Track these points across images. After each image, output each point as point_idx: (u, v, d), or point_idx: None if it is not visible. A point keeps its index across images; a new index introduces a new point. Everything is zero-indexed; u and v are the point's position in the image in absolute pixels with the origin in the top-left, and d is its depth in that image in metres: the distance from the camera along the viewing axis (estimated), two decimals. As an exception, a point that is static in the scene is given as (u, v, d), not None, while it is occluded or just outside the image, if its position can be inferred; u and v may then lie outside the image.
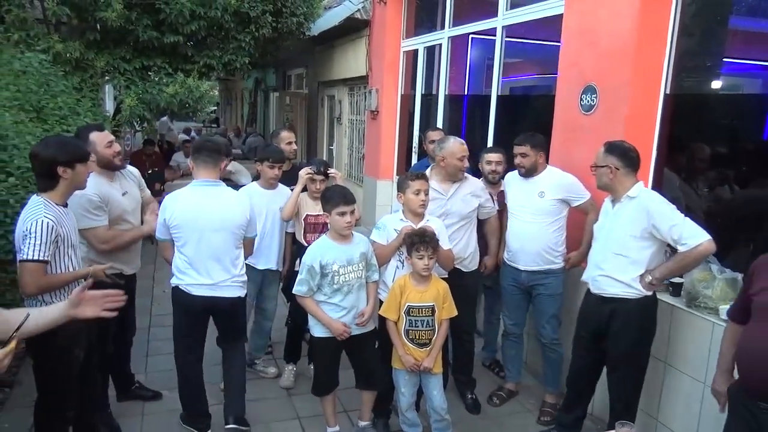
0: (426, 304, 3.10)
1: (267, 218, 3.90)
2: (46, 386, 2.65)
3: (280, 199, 3.95)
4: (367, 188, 7.54)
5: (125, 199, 3.28)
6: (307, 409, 3.76)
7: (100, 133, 3.17)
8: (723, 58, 3.81)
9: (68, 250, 2.61)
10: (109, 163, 3.15)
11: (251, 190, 3.90)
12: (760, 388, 2.10)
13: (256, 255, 3.86)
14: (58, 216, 2.55)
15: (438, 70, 6.19)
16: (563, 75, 4.00)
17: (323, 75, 9.82)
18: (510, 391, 3.95)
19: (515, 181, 3.71)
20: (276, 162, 3.87)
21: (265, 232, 3.90)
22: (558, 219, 3.57)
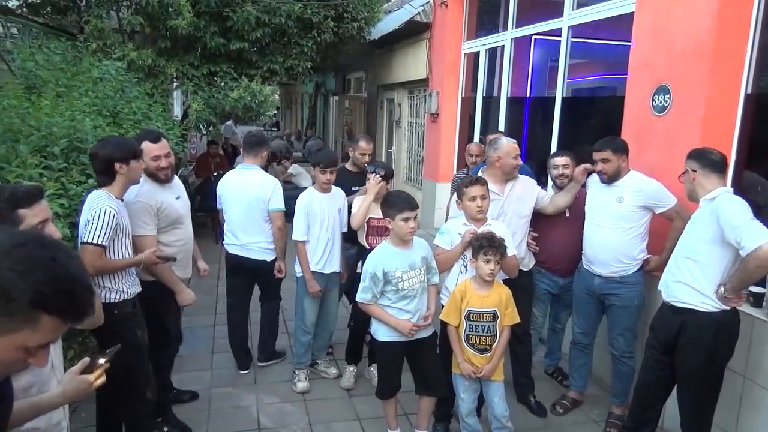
0: (487, 309, 3.06)
1: (327, 222, 3.94)
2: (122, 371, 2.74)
3: (338, 202, 4.01)
4: (426, 191, 7.53)
5: (179, 203, 3.37)
6: (368, 410, 3.78)
7: (151, 145, 3.18)
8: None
9: (125, 239, 2.80)
10: (152, 175, 3.23)
11: (311, 195, 3.97)
12: None
13: (324, 260, 3.94)
14: (119, 207, 2.74)
15: (500, 72, 6.10)
16: (634, 75, 3.87)
17: (383, 78, 9.88)
18: (574, 400, 3.85)
19: (596, 185, 3.59)
20: (327, 167, 3.90)
21: (329, 236, 3.95)
22: (636, 226, 3.39)
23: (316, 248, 3.94)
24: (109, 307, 2.68)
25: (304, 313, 4.05)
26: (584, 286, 3.63)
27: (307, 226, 3.90)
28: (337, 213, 3.99)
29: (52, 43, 6.17)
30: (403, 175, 9.03)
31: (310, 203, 3.92)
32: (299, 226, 3.91)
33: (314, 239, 3.93)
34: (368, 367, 4.25)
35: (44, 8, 7.43)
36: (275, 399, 3.93)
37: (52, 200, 2.81)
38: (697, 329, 2.76)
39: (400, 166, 9.12)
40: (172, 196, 3.33)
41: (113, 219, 2.65)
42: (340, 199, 4.05)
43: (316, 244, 3.94)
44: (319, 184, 3.95)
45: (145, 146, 3.18)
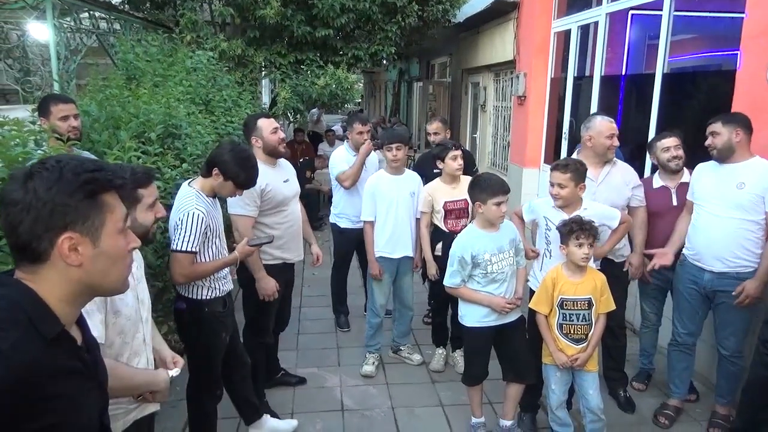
0: (582, 297, 2.90)
1: (397, 205, 3.86)
2: (198, 368, 2.82)
3: (410, 185, 3.93)
4: (512, 177, 7.30)
5: (286, 186, 3.39)
6: (451, 397, 3.73)
7: (267, 120, 3.34)
8: None
9: (215, 239, 2.70)
10: (274, 149, 3.29)
11: (379, 176, 3.93)
12: None
13: (391, 244, 3.88)
14: (208, 207, 2.63)
15: (593, 49, 5.77)
16: (747, 47, 3.52)
17: (467, 62, 9.66)
18: (677, 408, 3.51)
19: (708, 169, 3.23)
20: (392, 142, 3.81)
21: (397, 219, 3.88)
22: (759, 218, 3.03)
23: (382, 231, 3.89)
24: (198, 304, 2.69)
25: (372, 296, 4.05)
26: (691, 281, 3.28)
27: (374, 207, 3.86)
28: (409, 197, 3.90)
29: (150, 36, 6.51)
30: (488, 161, 8.82)
31: (377, 184, 3.87)
32: (366, 207, 3.90)
33: (380, 222, 3.88)
34: (452, 353, 4.18)
35: (143, 4, 7.83)
36: (359, 381, 3.96)
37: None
38: None
39: (485, 151, 8.91)
40: (279, 178, 3.37)
41: (202, 222, 2.56)
42: (414, 183, 3.97)
43: (382, 227, 3.88)
44: (387, 163, 3.89)
45: (263, 122, 3.30)
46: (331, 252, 5.07)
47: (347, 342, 4.57)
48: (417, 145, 12.41)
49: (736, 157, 3.06)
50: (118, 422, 1.83)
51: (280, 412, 3.49)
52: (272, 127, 3.29)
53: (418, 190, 3.98)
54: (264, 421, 3.28)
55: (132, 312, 1.78)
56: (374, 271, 3.93)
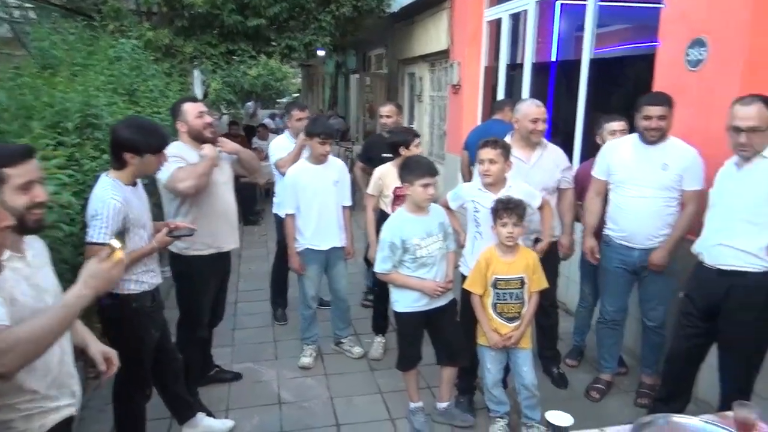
0: (515, 276, 2.93)
1: (321, 195, 3.79)
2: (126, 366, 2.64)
3: (334, 173, 3.85)
4: (449, 166, 7.36)
5: (216, 171, 3.24)
6: (389, 384, 3.70)
7: (192, 104, 3.20)
8: None
9: (138, 229, 2.56)
10: (199, 133, 3.15)
11: (299, 167, 3.83)
12: None
13: (318, 235, 3.82)
14: (126, 196, 2.49)
15: (524, 38, 5.87)
16: (666, 30, 3.65)
17: (403, 53, 9.68)
18: (608, 382, 3.62)
19: (627, 149, 3.25)
20: (327, 138, 3.73)
21: (322, 210, 3.80)
22: (677, 195, 3.14)
23: (308, 223, 3.80)
24: (126, 299, 2.56)
25: (302, 288, 3.96)
26: (619, 260, 3.34)
27: (295, 199, 3.78)
28: (333, 186, 3.82)
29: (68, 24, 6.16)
30: (426, 151, 8.86)
31: (298, 175, 3.78)
32: (287, 200, 3.81)
33: (305, 214, 3.79)
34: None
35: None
36: (297, 374, 3.88)
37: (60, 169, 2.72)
38: (749, 291, 2.59)
39: (423, 140, 8.95)
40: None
41: (119, 212, 2.41)
42: (337, 171, 3.88)
43: (307, 218, 3.79)
44: (315, 156, 3.79)
45: (188, 107, 3.18)
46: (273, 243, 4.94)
47: (285, 335, 4.48)
48: (355, 138, 12.35)
49: (663, 138, 3.13)
50: (34, 423, 1.70)
51: (214, 409, 3.36)
52: (197, 111, 3.16)
53: (342, 177, 3.91)
54: (198, 419, 3.15)
55: (30, 300, 1.64)
56: (294, 265, 3.85)
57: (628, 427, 1.93)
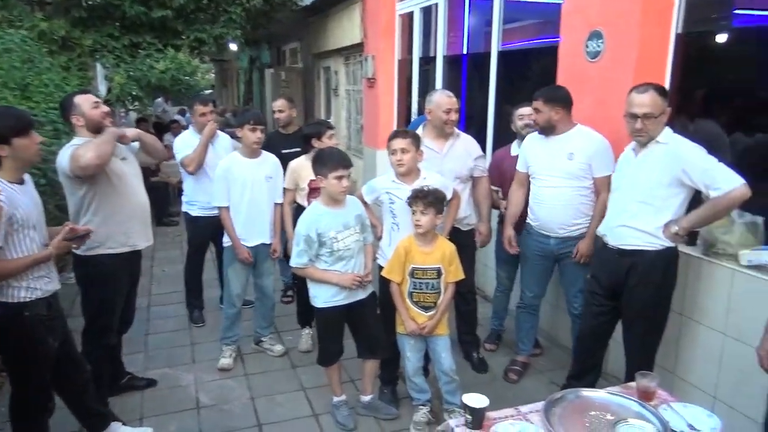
0: (431, 266, 2.96)
1: (252, 189, 3.68)
2: (22, 381, 2.50)
3: (267, 168, 3.76)
4: (367, 159, 7.38)
5: (124, 164, 3.09)
6: (312, 380, 3.65)
7: (84, 95, 3.01)
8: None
9: (28, 231, 2.38)
10: (98, 124, 2.94)
11: (231, 159, 3.72)
12: None
13: (246, 230, 3.72)
14: (11, 195, 2.31)
15: (435, 31, 5.96)
16: (566, 22, 3.80)
17: (318, 47, 9.59)
18: (524, 363, 3.75)
19: (537, 142, 3.38)
20: (257, 123, 3.64)
21: (252, 205, 3.71)
22: (589, 183, 3.23)
23: (237, 217, 3.70)
24: (17, 307, 2.36)
25: (228, 285, 3.85)
26: (538, 248, 3.46)
27: (227, 191, 3.67)
28: (265, 180, 3.74)
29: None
30: (343, 145, 8.84)
31: (230, 167, 3.68)
32: (218, 192, 3.69)
33: (234, 207, 3.69)
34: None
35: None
36: (216, 376, 3.75)
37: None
38: (647, 268, 2.75)
39: (340, 135, 8.90)
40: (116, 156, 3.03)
41: (2, 214, 2.23)
42: (270, 167, 3.80)
43: (236, 212, 3.69)
44: (247, 146, 3.69)
45: (80, 99, 2.97)
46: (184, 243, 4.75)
47: (202, 337, 4.32)
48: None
49: (560, 129, 3.25)
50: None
51: (127, 419, 3.18)
52: (92, 101, 2.96)
53: (276, 173, 3.82)
54: (113, 429, 2.98)
55: None
56: (242, 254, 3.71)
57: (541, 404, 1.99)
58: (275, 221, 3.84)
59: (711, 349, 2.93)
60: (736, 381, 2.79)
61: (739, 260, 2.73)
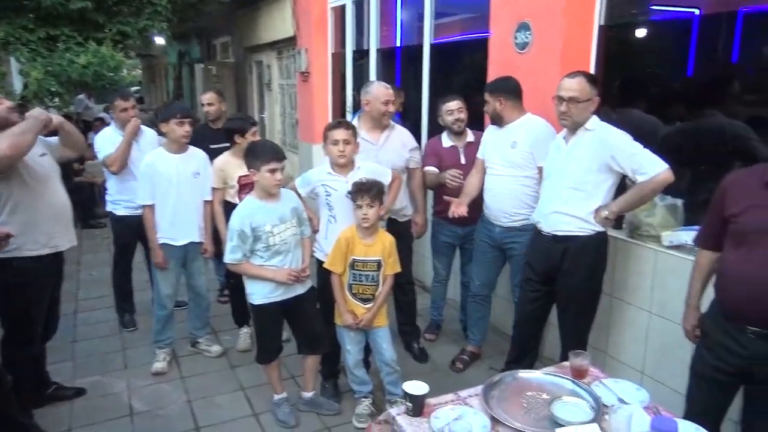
0: (372, 258, 2.96)
1: (178, 186, 3.54)
2: None
3: (194, 164, 3.62)
4: (303, 154, 7.29)
5: (45, 160, 2.93)
6: (252, 379, 3.57)
7: None
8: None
9: None
10: (5, 120, 2.73)
11: (157, 156, 3.56)
12: (750, 314, 2.01)
13: (174, 229, 3.58)
14: None
15: (368, 23, 5.95)
16: (495, 14, 3.87)
17: (249, 40, 9.39)
18: (473, 353, 3.79)
19: (491, 132, 3.42)
20: (185, 116, 3.49)
21: (179, 202, 3.56)
22: (532, 173, 3.23)
23: (163, 216, 3.55)
24: None
25: (158, 286, 3.70)
26: (486, 236, 3.49)
27: (151, 189, 3.52)
28: (193, 177, 3.59)
29: None
30: (278, 141, 8.71)
31: (155, 164, 3.52)
32: (142, 190, 3.54)
33: (161, 205, 3.54)
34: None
35: None
36: (149, 381, 3.61)
37: None
38: (579, 253, 2.83)
39: (274, 130, 8.79)
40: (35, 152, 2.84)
41: None
42: (198, 162, 3.66)
43: (163, 211, 3.54)
44: (175, 140, 3.52)
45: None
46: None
47: (135, 342, 4.15)
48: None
49: (507, 119, 3.28)
50: None
51: (55, 431, 3.02)
52: None
53: (204, 170, 3.69)
54: None
55: None
56: (158, 259, 3.58)
57: (480, 388, 2.02)
58: (205, 219, 3.72)
59: (638, 327, 3.07)
60: (661, 356, 2.93)
61: (662, 241, 2.87)
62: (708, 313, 2.22)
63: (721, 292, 2.14)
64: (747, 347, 2.02)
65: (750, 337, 2.01)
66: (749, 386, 2.13)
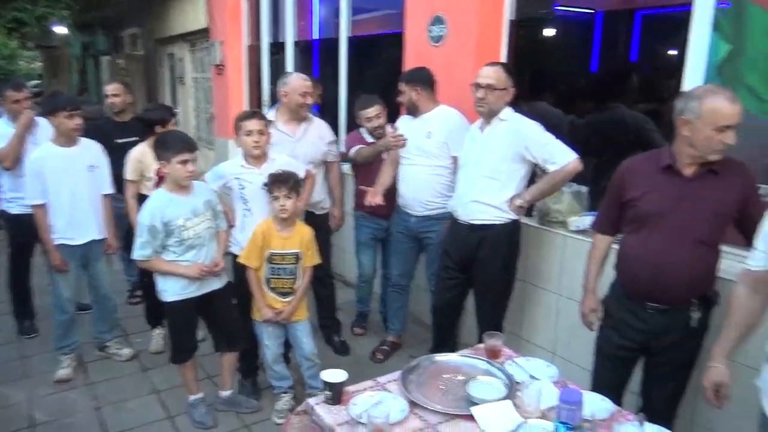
0: (290, 251, 2.90)
1: (73, 182, 3.32)
2: None
3: (88, 157, 3.40)
4: (220, 150, 7.08)
5: None
6: (166, 381, 3.43)
7: None
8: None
9: None
10: None
11: (45, 151, 3.30)
12: (648, 292, 2.15)
13: (72, 228, 3.36)
14: None
15: (284, 16, 5.85)
16: (410, 7, 3.91)
17: (160, 32, 9.00)
18: (393, 343, 3.80)
19: (406, 122, 3.43)
20: (74, 109, 3.26)
21: (75, 199, 3.34)
22: (447, 162, 3.26)
23: (59, 215, 3.32)
24: None
25: (57, 289, 3.44)
26: (402, 226, 3.50)
27: (41, 187, 3.26)
28: (87, 170, 3.38)
29: None
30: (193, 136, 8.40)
31: (43, 159, 3.27)
32: (31, 188, 3.27)
33: (55, 204, 3.30)
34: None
35: None
36: (53, 389, 3.38)
37: None
38: (495, 242, 2.91)
39: (189, 125, 8.46)
40: None
41: None
42: (92, 155, 3.44)
43: (58, 209, 3.31)
44: (65, 134, 3.27)
45: None
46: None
47: (35, 349, 3.86)
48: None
49: (423, 109, 3.31)
50: None
51: (-58, 450, 2.78)
52: None
53: (100, 161, 3.47)
54: None
55: None
56: (55, 261, 3.34)
57: (398, 373, 2.03)
58: (106, 214, 3.52)
59: (549, 309, 3.20)
60: (570, 336, 3.08)
61: (568, 226, 3.01)
62: (610, 294, 2.36)
63: (622, 274, 2.28)
64: (647, 322, 2.19)
65: (650, 313, 2.18)
66: (648, 359, 2.30)
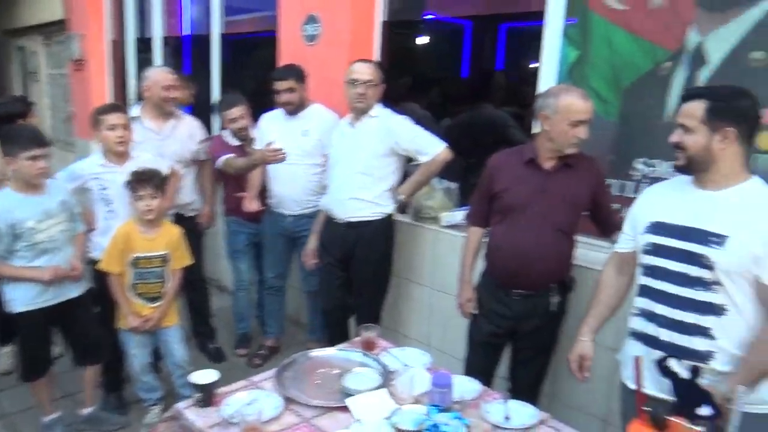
0: (156, 253, 2.74)
1: None
2: None
3: None
4: (81, 152, 6.54)
5: None
6: (18, 403, 3.09)
7: None
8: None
9: None
10: None
11: None
12: (513, 278, 2.30)
13: None
14: None
15: (151, 10, 5.55)
16: (285, 6, 3.87)
17: (9, 22, 8.16)
18: (271, 347, 3.71)
19: (276, 121, 3.33)
20: None
21: None
22: (321, 161, 3.23)
23: None
24: None
25: None
26: (277, 227, 3.43)
27: None
28: None
29: None
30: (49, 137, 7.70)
31: None
32: None
33: None
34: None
35: None
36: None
37: None
38: (373, 238, 2.96)
39: (44, 126, 7.74)
40: None
41: None
42: None
43: None
44: None
45: None
46: None
47: None
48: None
49: (299, 107, 3.27)
50: None
51: None
52: None
53: None
54: None
55: None
56: None
57: (273, 371, 1.99)
58: None
59: (422, 303, 3.31)
60: (443, 328, 3.20)
61: (440, 222, 3.13)
62: (480, 284, 2.49)
63: (490, 263, 2.42)
64: (512, 308, 2.34)
65: (515, 299, 2.33)
66: (514, 344, 2.47)
